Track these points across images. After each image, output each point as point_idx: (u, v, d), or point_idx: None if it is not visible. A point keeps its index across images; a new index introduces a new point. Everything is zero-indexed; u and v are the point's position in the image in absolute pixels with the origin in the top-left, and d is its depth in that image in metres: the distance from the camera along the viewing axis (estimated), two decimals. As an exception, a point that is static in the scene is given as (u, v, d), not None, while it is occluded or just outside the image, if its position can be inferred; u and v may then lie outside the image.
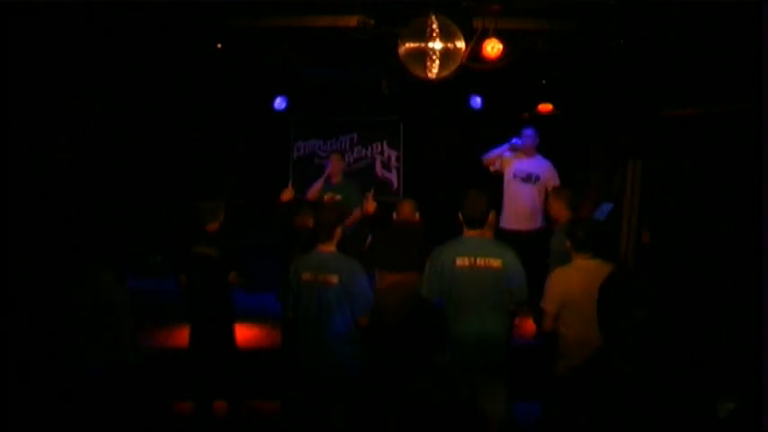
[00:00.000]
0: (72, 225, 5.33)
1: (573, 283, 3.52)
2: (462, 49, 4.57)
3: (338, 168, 6.10)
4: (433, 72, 4.59)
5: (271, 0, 4.82)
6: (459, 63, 4.63)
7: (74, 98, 5.58)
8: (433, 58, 4.53)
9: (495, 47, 4.76)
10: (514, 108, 7.60)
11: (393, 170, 8.58)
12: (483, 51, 4.77)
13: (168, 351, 5.11)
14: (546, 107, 7.17)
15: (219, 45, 5.27)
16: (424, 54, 4.54)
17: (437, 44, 4.50)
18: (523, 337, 5.44)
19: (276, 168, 8.35)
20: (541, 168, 5.88)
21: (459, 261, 3.68)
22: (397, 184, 8.54)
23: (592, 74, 6.07)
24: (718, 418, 1.89)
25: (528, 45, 5.05)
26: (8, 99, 4.66)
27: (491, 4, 4.71)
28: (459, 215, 3.78)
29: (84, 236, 5.00)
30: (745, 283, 3.91)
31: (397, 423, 4.30)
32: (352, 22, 4.87)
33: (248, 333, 5.56)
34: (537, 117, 7.20)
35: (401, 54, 4.60)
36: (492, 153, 6.05)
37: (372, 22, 4.81)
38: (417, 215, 4.71)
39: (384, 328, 4.39)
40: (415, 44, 4.55)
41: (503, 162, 6.00)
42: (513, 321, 5.42)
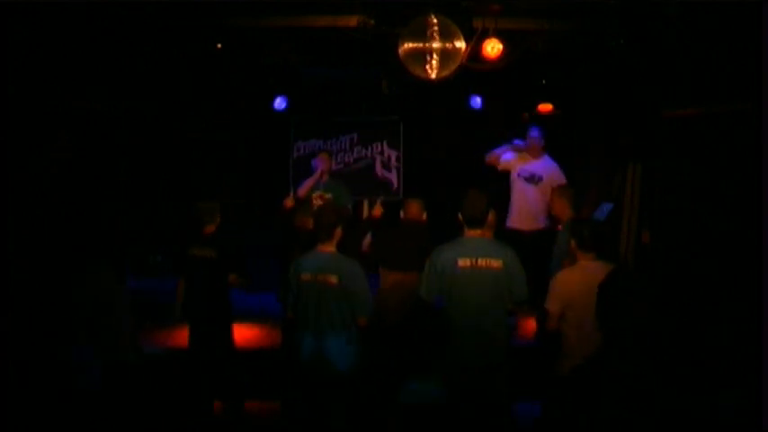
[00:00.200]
0: (72, 225, 5.32)
1: (576, 284, 3.52)
2: (462, 49, 4.58)
3: (327, 167, 6.12)
4: (433, 72, 4.60)
5: (271, 0, 4.82)
6: (459, 63, 4.64)
7: (74, 98, 5.58)
8: (432, 58, 4.53)
9: (495, 47, 4.76)
10: (514, 108, 7.59)
11: (393, 170, 8.58)
12: (483, 51, 4.76)
13: (168, 351, 5.10)
14: (546, 107, 7.16)
15: (219, 45, 5.28)
16: (423, 54, 4.54)
17: (437, 44, 4.51)
18: (523, 337, 5.43)
19: (276, 168, 8.35)
20: (545, 169, 5.81)
21: (461, 262, 3.68)
22: (397, 184, 8.54)
23: (592, 74, 6.07)
24: (719, 418, 1.89)
25: (528, 45, 5.06)
26: (8, 99, 4.66)
27: (491, 4, 4.71)
28: (459, 215, 3.78)
29: (84, 236, 4.99)
30: (745, 283, 3.91)
31: (397, 423, 4.30)
32: (352, 22, 4.87)
33: (248, 333, 5.56)
34: (537, 117, 7.20)
35: (401, 54, 4.60)
36: (493, 153, 6.07)
37: (372, 22, 4.82)
38: (425, 215, 4.70)
39: (384, 328, 4.39)
40: (415, 44, 4.56)
41: (509, 162, 6.00)
42: (516, 322, 5.45)
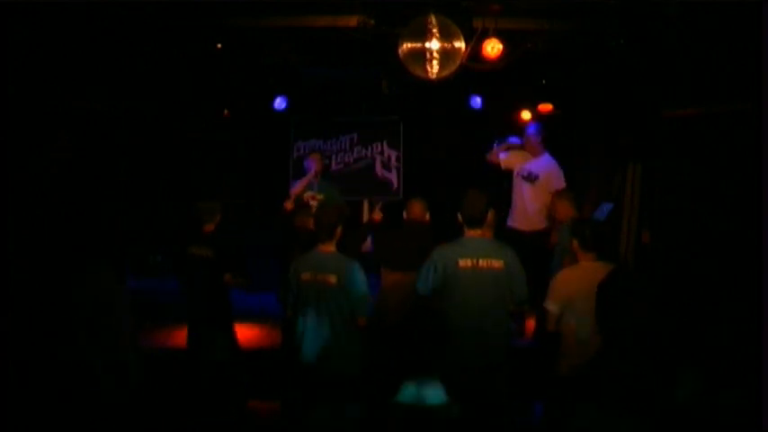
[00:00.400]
0: (72, 225, 5.32)
1: (576, 285, 3.52)
2: (462, 49, 4.58)
3: (320, 168, 6.11)
4: (433, 72, 4.59)
5: (271, 0, 4.82)
6: (459, 63, 4.63)
7: (74, 98, 5.57)
8: (432, 58, 4.53)
9: (495, 47, 4.75)
10: (514, 108, 7.59)
11: (393, 170, 8.57)
12: (483, 51, 4.76)
13: (168, 351, 5.10)
14: (546, 107, 7.15)
15: (219, 45, 5.28)
16: (423, 54, 4.54)
17: (437, 44, 4.51)
18: (524, 337, 5.43)
19: (276, 168, 8.35)
20: (542, 168, 5.79)
21: (462, 262, 3.68)
22: (396, 185, 8.54)
23: (592, 74, 6.06)
24: (718, 418, 1.89)
25: (528, 45, 5.05)
26: (8, 99, 4.66)
27: (491, 4, 4.71)
28: (459, 215, 3.78)
29: (84, 236, 4.98)
30: (745, 283, 3.91)
31: (397, 423, 4.29)
32: (352, 22, 4.86)
33: (248, 333, 5.56)
34: (537, 117, 7.20)
35: (401, 54, 4.60)
36: (493, 151, 6.08)
37: (372, 22, 4.81)
38: (428, 215, 4.70)
39: (384, 328, 4.39)
40: (415, 44, 4.55)
41: (510, 160, 5.99)
42: (523, 323, 5.45)
